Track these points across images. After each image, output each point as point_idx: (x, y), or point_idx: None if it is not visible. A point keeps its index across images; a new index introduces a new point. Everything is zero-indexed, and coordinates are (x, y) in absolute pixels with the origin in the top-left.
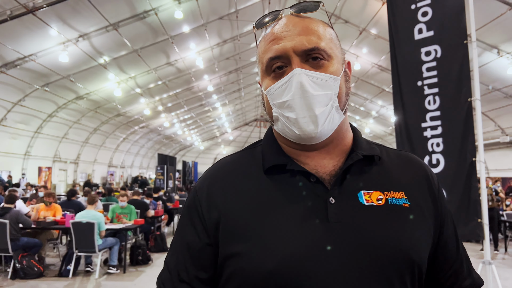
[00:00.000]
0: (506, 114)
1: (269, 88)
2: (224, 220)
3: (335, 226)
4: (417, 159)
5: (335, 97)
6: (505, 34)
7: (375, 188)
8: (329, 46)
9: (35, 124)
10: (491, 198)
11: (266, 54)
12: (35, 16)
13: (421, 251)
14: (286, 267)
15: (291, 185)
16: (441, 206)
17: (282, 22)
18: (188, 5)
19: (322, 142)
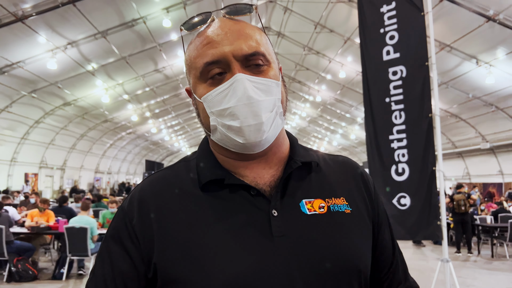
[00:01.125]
0: (486, 121)
1: (206, 95)
2: (160, 244)
3: (280, 241)
4: (351, 161)
5: (279, 102)
6: (483, 44)
7: (316, 196)
8: (268, 51)
9: (21, 130)
10: (463, 203)
11: (200, 59)
12: (24, 24)
13: (366, 259)
14: (235, 286)
15: (230, 201)
16: (378, 207)
17: (216, 24)
18: (176, 14)
19: (262, 151)
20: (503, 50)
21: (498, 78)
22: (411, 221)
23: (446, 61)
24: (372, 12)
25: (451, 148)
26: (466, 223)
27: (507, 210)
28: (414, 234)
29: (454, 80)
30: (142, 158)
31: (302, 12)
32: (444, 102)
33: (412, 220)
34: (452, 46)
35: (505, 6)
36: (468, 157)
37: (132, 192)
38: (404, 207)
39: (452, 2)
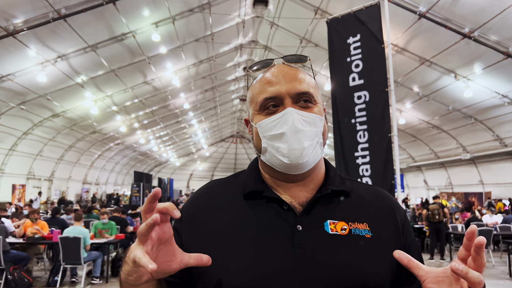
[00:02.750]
0: (466, 133)
1: (261, 122)
2: (200, 237)
3: (297, 252)
4: (387, 195)
5: (320, 134)
6: (461, 60)
7: (340, 218)
8: (315, 93)
9: (9, 142)
10: (437, 213)
11: (261, 95)
12: (15, 38)
13: (379, 278)
14: (249, 285)
15: (264, 211)
16: (406, 239)
17: (276, 69)
18: (165, 28)
19: (301, 175)
20: (479, 65)
21: (476, 92)
22: None
23: (426, 75)
24: (340, 42)
25: (434, 158)
26: (440, 231)
27: (479, 219)
28: None
29: (434, 93)
30: (130, 168)
31: (288, 27)
32: (426, 114)
33: None
34: (431, 61)
35: (479, 24)
36: (450, 167)
37: (191, 195)
38: None
39: (429, 20)
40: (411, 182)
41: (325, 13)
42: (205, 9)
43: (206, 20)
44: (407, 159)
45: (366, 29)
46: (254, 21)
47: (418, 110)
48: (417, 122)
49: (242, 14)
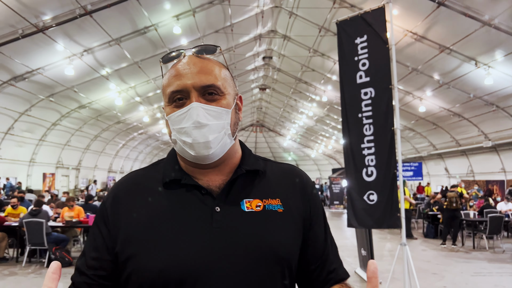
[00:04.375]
0: (488, 120)
1: (170, 115)
2: (125, 227)
3: (216, 231)
4: (296, 169)
5: (228, 125)
6: (481, 47)
7: (255, 196)
8: (223, 85)
9: (39, 132)
10: (455, 201)
11: (169, 88)
12: (44, 34)
13: (289, 248)
14: (173, 266)
15: (184, 198)
16: (311, 210)
17: (185, 60)
18: (186, 21)
19: (214, 162)
20: (500, 52)
21: (497, 79)
22: (378, 213)
23: (446, 62)
24: (348, 43)
25: (455, 146)
26: (455, 218)
27: (493, 207)
28: (380, 223)
29: (455, 80)
30: (153, 157)
31: (307, 16)
32: (446, 102)
33: (378, 213)
34: (451, 48)
35: (499, 12)
36: (472, 155)
37: (112, 186)
38: (372, 202)
39: (448, 8)
40: (432, 170)
41: (343, 1)
42: (224, 1)
43: (226, 12)
44: (427, 147)
45: (372, 30)
46: (273, 11)
47: (439, 98)
48: (437, 110)
49: (261, 5)
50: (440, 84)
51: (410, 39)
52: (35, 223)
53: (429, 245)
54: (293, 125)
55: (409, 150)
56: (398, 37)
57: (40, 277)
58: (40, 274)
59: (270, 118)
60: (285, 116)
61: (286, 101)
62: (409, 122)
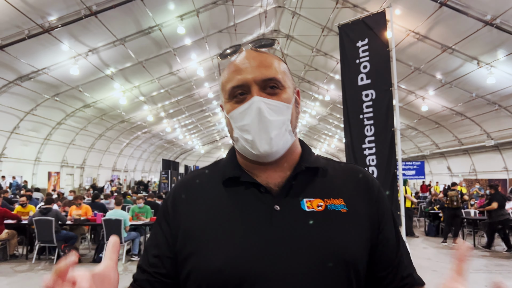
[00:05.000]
0: (490, 119)
1: (231, 112)
2: (185, 225)
3: (276, 231)
4: (361, 169)
5: (288, 122)
6: (483, 47)
7: (316, 196)
8: (283, 78)
9: (45, 132)
10: (456, 199)
11: (229, 83)
12: (50, 34)
13: (355, 251)
14: (231, 265)
15: (243, 195)
16: (379, 210)
17: (243, 55)
18: (189, 21)
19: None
20: (503, 52)
21: (499, 78)
22: None
23: (448, 62)
24: (350, 46)
25: (458, 145)
26: (457, 217)
27: None
28: None
29: (457, 80)
30: (157, 156)
31: (310, 16)
32: (449, 101)
33: None
34: (453, 48)
35: (501, 12)
36: (474, 154)
37: (174, 184)
38: None
39: (450, 8)
40: (434, 169)
41: (346, 1)
42: (228, 1)
43: (229, 12)
44: (430, 146)
45: (373, 33)
46: (276, 11)
47: (441, 97)
48: (440, 109)
49: (264, 5)
50: (442, 83)
51: (412, 39)
52: (45, 221)
53: (430, 243)
54: None
55: (412, 149)
56: (400, 36)
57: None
58: (50, 270)
59: None
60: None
61: None
62: (412, 121)
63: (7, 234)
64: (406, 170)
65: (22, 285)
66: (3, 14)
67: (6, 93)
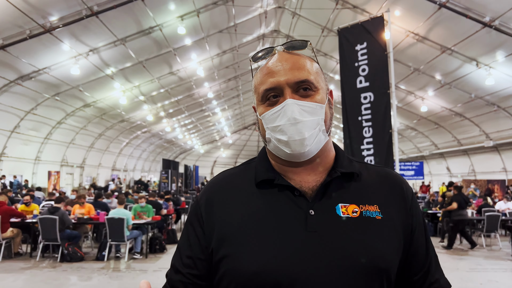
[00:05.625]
0: (489, 120)
1: (264, 114)
2: (219, 227)
3: (311, 235)
4: (396, 175)
5: (322, 121)
6: (482, 48)
7: (351, 201)
8: (316, 79)
9: (45, 131)
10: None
11: (262, 86)
12: (51, 34)
13: (389, 259)
14: (267, 268)
15: (277, 198)
16: (412, 219)
17: (275, 57)
18: (190, 21)
19: (308, 160)
20: (501, 53)
21: (498, 80)
22: None
23: (448, 63)
24: (349, 49)
25: (457, 145)
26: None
27: (491, 206)
28: None
29: (456, 81)
30: (157, 155)
31: (310, 16)
32: (448, 102)
33: None
34: (453, 49)
35: (500, 13)
36: (473, 154)
37: (205, 185)
38: None
39: (449, 9)
40: (434, 169)
41: (346, 2)
42: (228, 1)
43: (230, 12)
44: (429, 146)
45: (372, 37)
46: (276, 11)
47: (441, 98)
48: (439, 110)
49: (264, 5)
50: (441, 84)
51: (412, 40)
52: (49, 219)
53: None
54: None
55: (411, 149)
56: (400, 37)
57: (54, 271)
58: (54, 268)
59: None
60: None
61: None
62: (411, 121)
63: (12, 232)
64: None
65: (29, 282)
66: (5, 14)
67: (7, 93)
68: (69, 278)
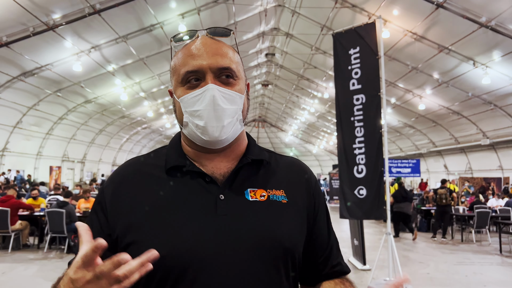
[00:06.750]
0: (486, 118)
1: (183, 97)
2: (125, 215)
3: (221, 219)
4: (300, 163)
5: (240, 111)
6: (479, 48)
7: (259, 186)
8: (237, 69)
9: (46, 126)
10: (445, 197)
11: (183, 67)
12: (54, 31)
13: (294, 239)
14: (175, 253)
15: (188, 185)
16: (315, 202)
17: (199, 41)
18: (191, 19)
19: (222, 147)
20: (498, 53)
21: (495, 79)
22: (366, 206)
23: (445, 62)
24: (343, 53)
25: (454, 143)
26: (446, 213)
27: (483, 203)
28: (368, 215)
29: (454, 79)
30: None
31: (309, 15)
32: (446, 100)
33: (367, 205)
34: (450, 48)
35: (496, 14)
36: (470, 152)
37: (112, 172)
38: (362, 196)
39: (446, 9)
40: (431, 166)
41: (345, 1)
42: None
43: (230, 10)
44: (427, 144)
45: (364, 42)
46: (276, 9)
47: (438, 96)
48: (437, 108)
49: (264, 3)
50: (439, 82)
51: (410, 39)
52: (57, 213)
53: (421, 238)
54: (295, 121)
55: (409, 147)
56: (398, 36)
57: (62, 261)
58: (62, 258)
59: (272, 114)
60: (287, 112)
61: (288, 97)
62: (409, 119)
63: (20, 225)
64: (402, 167)
65: (39, 271)
66: (9, 12)
67: (10, 89)
68: None
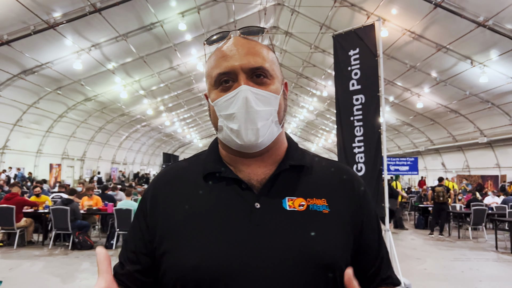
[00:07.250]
0: (483, 117)
1: (216, 100)
2: (162, 222)
3: (255, 229)
4: (347, 170)
5: (275, 112)
6: (477, 47)
7: (299, 194)
8: (272, 68)
9: (46, 124)
10: (442, 195)
11: (215, 70)
12: (55, 30)
13: (336, 255)
14: (206, 262)
15: (223, 191)
16: (363, 215)
17: (231, 41)
18: (191, 17)
19: (259, 151)
20: (495, 52)
21: (492, 77)
22: None
23: (443, 60)
24: (343, 54)
25: (452, 142)
26: (443, 210)
27: (480, 200)
28: None
29: (451, 78)
30: (156, 149)
31: (308, 14)
32: (443, 98)
33: None
34: (448, 47)
35: (493, 13)
36: (468, 150)
37: (153, 178)
38: None
39: (444, 9)
40: (429, 164)
41: (344, 1)
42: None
43: (229, 9)
44: (425, 142)
45: (364, 44)
46: (275, 8)
47: (436, 95)
48: (435, 106)
49: (264, 2)
50: (437, 81)
51: (408, 38)
52: (61, 210)
53: (418, 235)
54: (294, 119)
55: (408, 145)
56: (397, 35)
57: (67, 257)
58: (66, 255)
59: None
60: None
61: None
62: (408, 117)
63: (25, 222)
64: (400, 165)
65: (45, 267)
66: (10, 10)
67: (10, 86)
68: (81, 264)
